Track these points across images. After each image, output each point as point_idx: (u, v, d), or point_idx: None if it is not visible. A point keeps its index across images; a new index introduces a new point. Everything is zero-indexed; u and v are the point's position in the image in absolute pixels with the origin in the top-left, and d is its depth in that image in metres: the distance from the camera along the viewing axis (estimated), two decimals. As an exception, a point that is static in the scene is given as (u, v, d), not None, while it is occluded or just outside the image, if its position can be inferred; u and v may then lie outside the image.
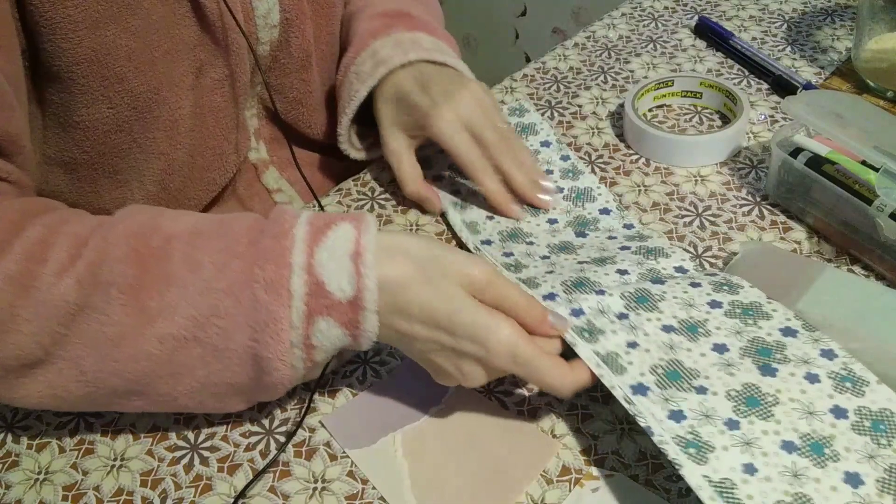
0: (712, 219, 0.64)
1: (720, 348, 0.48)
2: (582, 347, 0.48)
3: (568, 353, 0.48)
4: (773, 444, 0.42)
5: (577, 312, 0.50)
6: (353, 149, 0.71)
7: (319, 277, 0.45)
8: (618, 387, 0.46)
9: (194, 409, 0.49)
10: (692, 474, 0.41)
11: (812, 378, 0.46)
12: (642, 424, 0.44)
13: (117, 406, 0.49)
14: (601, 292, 0.52)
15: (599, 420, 0.51)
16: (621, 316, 0.50)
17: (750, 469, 0.41)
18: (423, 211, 0.68)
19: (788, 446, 0.42)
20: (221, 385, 0.47)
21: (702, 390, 0.45)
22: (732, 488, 0.40)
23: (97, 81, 0.56)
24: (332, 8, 0.70)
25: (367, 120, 0.70)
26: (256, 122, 0.71)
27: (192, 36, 0.59)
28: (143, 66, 0.57)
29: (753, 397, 0.45)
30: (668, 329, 0.49)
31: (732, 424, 0.43)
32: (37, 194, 0.64)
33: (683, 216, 0.64)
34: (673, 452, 0.42)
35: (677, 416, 0.44)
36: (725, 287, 0.52)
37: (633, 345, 0.48)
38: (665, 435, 0.43)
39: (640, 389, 0.45)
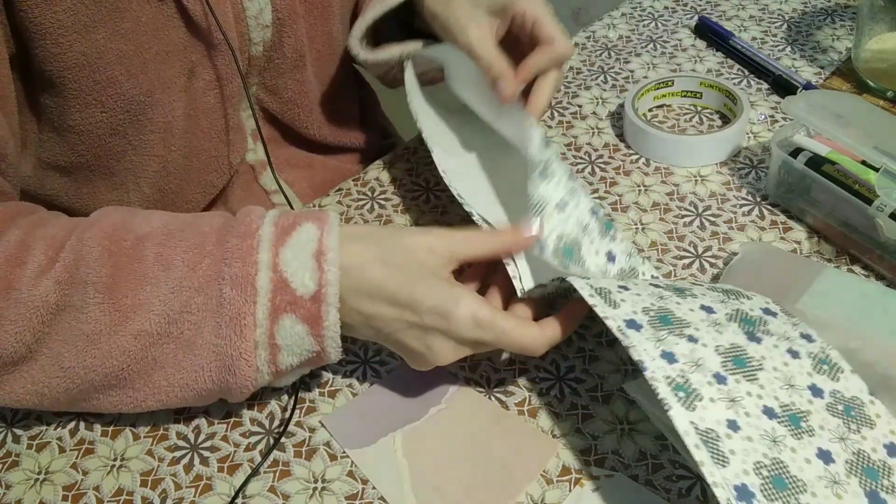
0: (712, 219, 0.64)
1: (707, 309, 0.48)
2: (574, 279, 0.47)
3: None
4: (756, 408, 0.43)
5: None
6: (364, 49, 0.67)
7: (284, 275, 0.46)
8: (612, 318, 0.45)
9: (162, 407, 0.50)
10: (680, 417, 0.41)
11: (793, 354, 0.46)
12: (634, 357, 0.43)
13: (94, 401, 0.49)
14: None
15: (599, 420, 0.51)
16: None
17: (733, 426, 0.41)
18: (423, 210, 0.68)
19: (769, 412, 0.43)
20: (189, 387, 0.48)
21: (692, 339, 0.45)
22: (717, 440, 0.40)
23: (89, 85, 0.56)
24: (327, 8, 0.70)
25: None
26: (253, 122, 0.71)
27: (181, 38, 0.59)
28: (135, 69, 0.57)
29: (740, 358, 0.45)
30: (655, 285, 0.49)
31: (720, 379, 0.43)
32: (33, 199, 0.65)
33: (683, 216, 0.64)
34: (663, 392, 0.42)
35: (669, 357, 0.43)
36: (701, 282, 0.53)
37: (623, 287, 0.48)
38: (657, 373, 0.42)
39: (633, 325, 0.45)
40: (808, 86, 0.73)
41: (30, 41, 0.53)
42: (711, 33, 0.82)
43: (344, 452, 0.51)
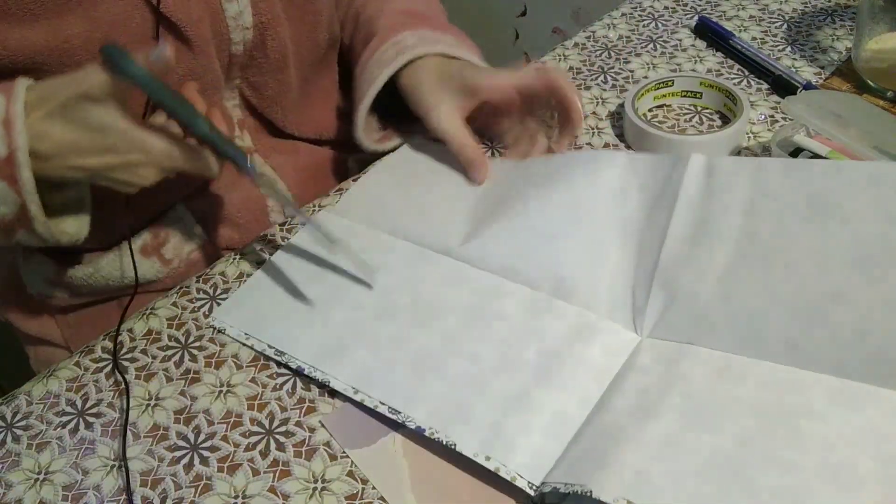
0: (712, 219, 0.64)
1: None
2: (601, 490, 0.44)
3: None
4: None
5: None
6: (369, 140, 0.72)
7: None
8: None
9: None
10: None
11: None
12: None
13: None
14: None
15: (599, 420, 0.51)
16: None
17: None
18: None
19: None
20: None
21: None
22: None
23: (59, 69, 0.58)
24: (315, 16, 0.71)
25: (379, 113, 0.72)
26: (239, 112, 0.73)
27: (150, 30, 0.60)
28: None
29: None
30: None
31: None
32: None
33: (683, 216, 0.64)
34: None
35: None
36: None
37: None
38: None
39: None
40: (808, 86, 0.73)
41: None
42: (711, 33, 0.82)
43: (344, 452, 0.51)
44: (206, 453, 0.52)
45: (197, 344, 0.58)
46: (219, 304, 0.61)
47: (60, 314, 0.77)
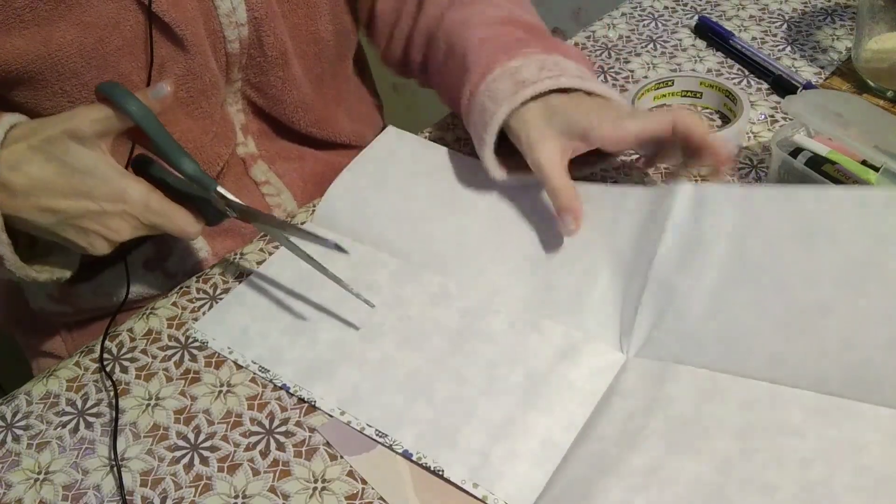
0: (712, 219, 0.63)
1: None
2: None
3: None
4: None
5: None
6: (496, 169, 0.62)
7: None
8: None
9: None
10: None
11: None
12: None
13: None
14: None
15: (599, 420, 0.51)
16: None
17: None
18: (423, 211, 0.67)
19: None
20: None
21: None
22: None
23: (54, 76, 0.58)
24: (312, 8, 0.69)
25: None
26: (243, 117, 0.72)
27: (143, 32, 0.60)
28: (95, 61, 0.59)
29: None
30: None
31: None
32: None
33: (683, 216, 0.64)
34: None
35: None
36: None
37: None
38: None
39: None
40: (808, 86, 0.73)
41: None
42: (711, 33, 0.82)
43: (344, 452, 0.51)
44: (206, 453, 0.52)
45: (197, 344, 0.58)
46: (218, 304, 0.61)
47: (64, 329, 0.77)
